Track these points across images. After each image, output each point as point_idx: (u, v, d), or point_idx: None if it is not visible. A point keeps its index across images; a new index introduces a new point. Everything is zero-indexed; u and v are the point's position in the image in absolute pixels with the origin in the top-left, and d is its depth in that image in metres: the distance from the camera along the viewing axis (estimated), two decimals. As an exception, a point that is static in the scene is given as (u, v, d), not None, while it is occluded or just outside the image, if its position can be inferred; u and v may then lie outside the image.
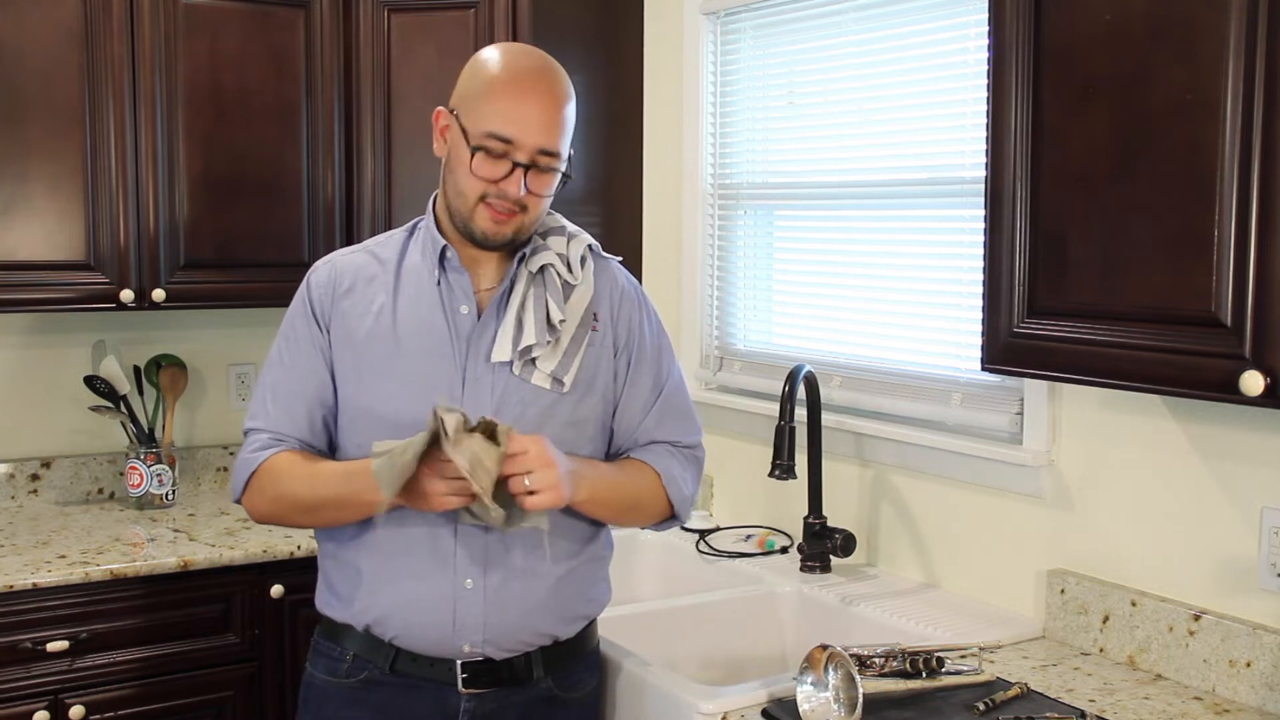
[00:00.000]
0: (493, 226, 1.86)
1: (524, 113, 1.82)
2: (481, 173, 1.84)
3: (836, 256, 2.83)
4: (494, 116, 1.82)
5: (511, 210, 1.85)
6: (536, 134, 1.83)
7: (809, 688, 1.82)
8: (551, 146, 1.85)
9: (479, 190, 1.85)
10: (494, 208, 1.85)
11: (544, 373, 1.89)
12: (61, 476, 3.17)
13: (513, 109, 1.82)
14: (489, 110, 1.83)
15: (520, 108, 1.83)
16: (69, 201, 2.82)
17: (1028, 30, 1.86)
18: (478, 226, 1.87)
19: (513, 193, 1.83)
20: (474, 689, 1.89)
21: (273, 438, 1.93)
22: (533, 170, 1.84)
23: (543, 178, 1.86)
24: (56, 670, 2.58)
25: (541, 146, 1.83)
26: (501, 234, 1.87)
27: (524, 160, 1.83)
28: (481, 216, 1.86)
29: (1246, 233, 1.59)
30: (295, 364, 1.94)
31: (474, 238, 1.89)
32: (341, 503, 1.86)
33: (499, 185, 1.83)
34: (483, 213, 1.86)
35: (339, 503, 1.86)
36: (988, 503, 2.42)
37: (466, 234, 1.89)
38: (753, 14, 3.01)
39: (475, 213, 1.86)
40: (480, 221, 1.86)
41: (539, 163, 1.84)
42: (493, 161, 1.83)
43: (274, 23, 3.02)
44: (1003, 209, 1.90)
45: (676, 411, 2.03)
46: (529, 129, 1.82)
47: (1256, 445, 1.96)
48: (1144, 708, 1.93)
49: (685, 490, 2.01)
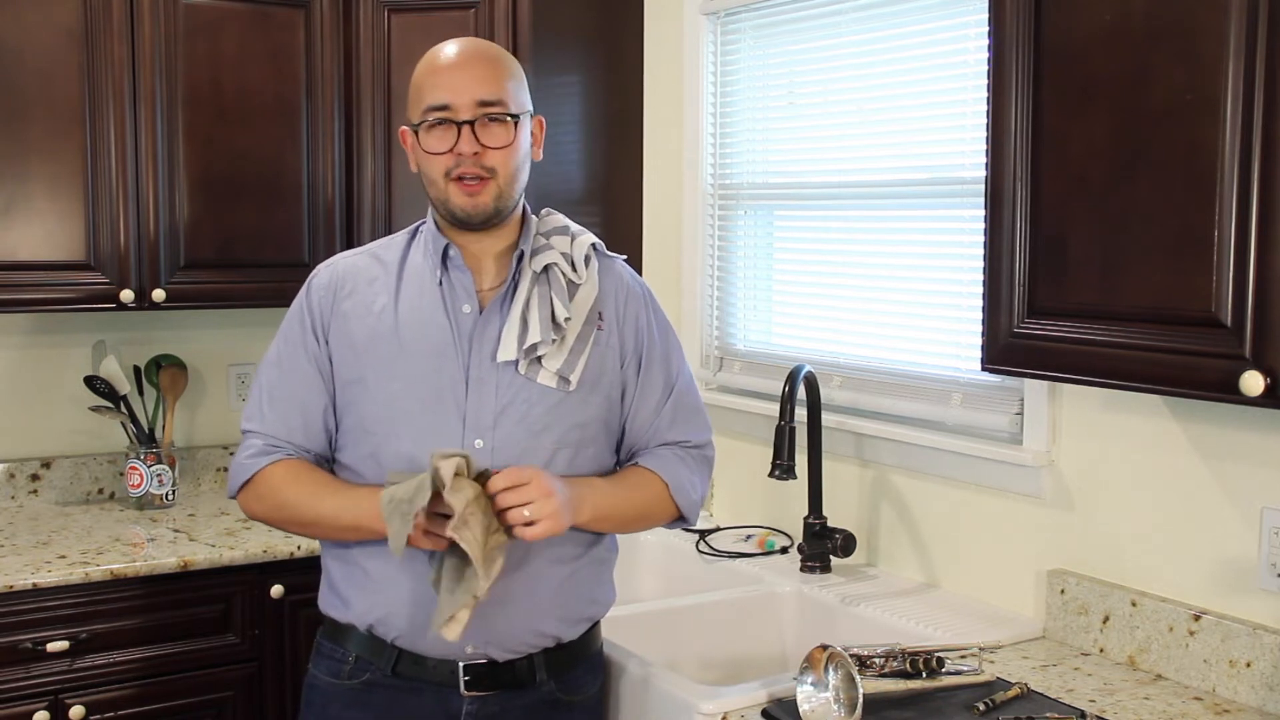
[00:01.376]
0: (468, 200, 1.87)
1: (454, 77, 1.86)
2: (432, 146, 1.86)
3: (836, 256, 2.83)
4: (429, 92, 1.86)
5: (479, 175, 1.86)
6: (471, 89, 1.84)
7: (809, 688, 1.82)
8: (490, 95, 1.85)
9: (441, 167, 1.86)
10: (463, 180, 1.86)
11: (550, 371, 1.89)
12: (61, 476, 3.17)
13: (442, 79, 1.86)
14: (425, 92, 1.87)
15: (450, 74, 1.86)
16: (69, 202, 2.82)
17: (1028, 30, 1.86)
18: (455, 205, 1.88)
19: (467, 151, 1.84)
20: (476, 691, 1.89)
21: (268, 444, 1.93)
22: (480, 123, 1.85)
23: (493, 129, 1.86)
24: (57, 670, 2.58)
25: (479, 98, 1.85)
26: (480, 205, 1.87)
27: (467, 117, 1.84)
28: (454, 193, 1.87)
29: (1246, 233, 1.59)
30: (292, 369, 1.95)
31: (456, 218, 1.89)
32: (343, 527, 1.87)
33: (454, 152, 1.85)
34: (454, 189, 1.87)
35: (340, 526, 1.88)
36: (988, 503, 2.42)
37: (449, 217, 1.90)
38: (753, 14, 3.01)
39: (448, 192, 1.87)
40: (455, 199, 1.87)
41: (485, 113, 1.85)
42: (440, 131, 1.85)
43: (274, 23, 3.02)
44: (1003, 209, 1.90)
45: (687, 410, 2.04)
46: (461, 88, 1.84)
47: (1256, 445, 1.96)
48: (1144, 708, 1.93)
49: (694, 495, 2.02)
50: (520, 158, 1.91)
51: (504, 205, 1.90)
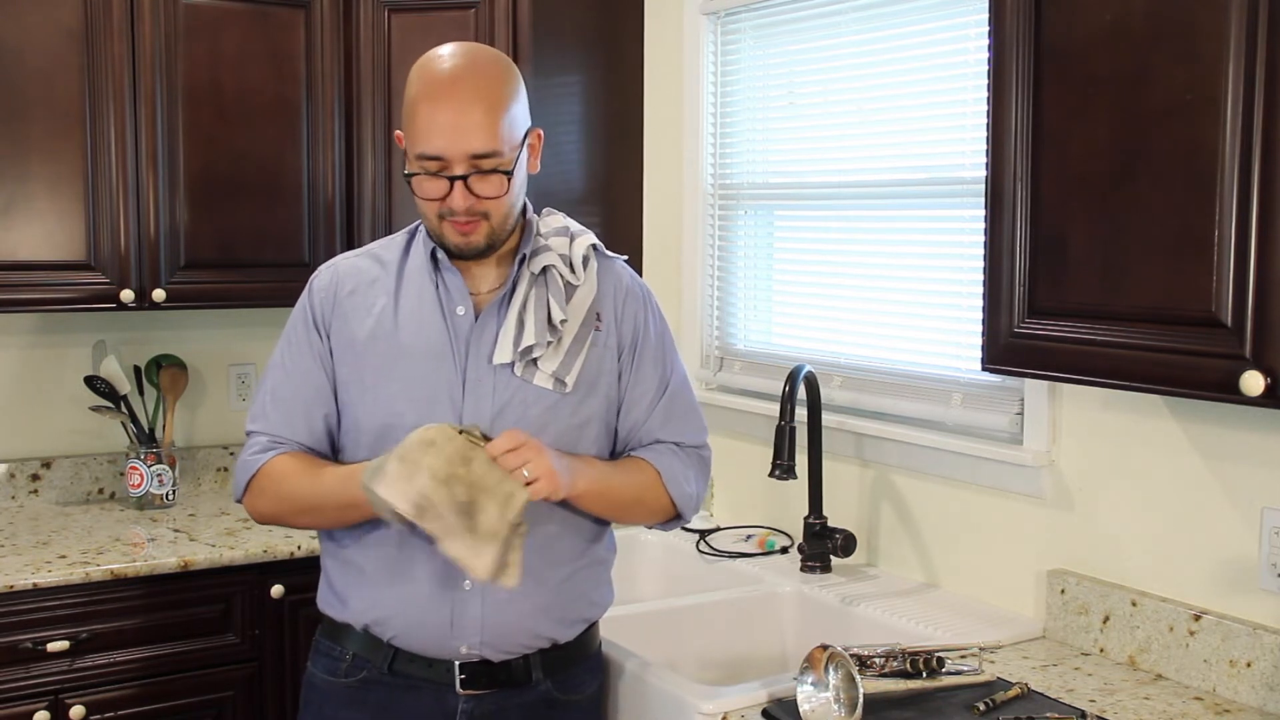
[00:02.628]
0: (461, 239, 1.85)
1: (443, 125, 1.77)
2: (424, 194, 1.82)
3: (837, 256, 2.83)
4: (419, 137, 1.80)
5: (471, 220, 1.83)
6: (463, 142, 1.77)
7: (809, 688, 1.82)
8: (483, 149, 1.79)
9: (434, 211, 1.84)
10: (455, 222, 1.83)
11: (546, 373, 1.89)
12: (62, 476, 3.17)
13: (432, 125, 1.78)
14: (417, 130, 1.80)
15: (439, 121, 1.78)
16: (69, 201, 2.82)
17: (1028, 30, 1.86)
18: (449, 242, 1.86)
19: (458, 207, 1.81)
20: (472, 690, 1.89)
21: (272, 440, 1.93)
22: (474, 177, 1.80)
23: (487, 181, 1.81)
24: (57, 670, 2.58)
25: (472, 152, 1.78)
26: (473, 244, 1.85)
27: (460, 172, 1.79)
28: (448, 231, 1.85)
29: (1247, 233, 1.59)
30: (295, 369, 1.95)
31: (450, 253, 1.89)
32: (343, 504, 1.86)
33: (445, 203, 1.81)
34: (448, 229, 1.85)
35: (340, 504, 1.86)
36: (988, 503, 2.42)
37: (444, 249, 1.90)
38: (753, 14, 3.01)
39: (442, 229, 1.85)
40: (449, 236, 1.85)
41: (478, 167, 1.80)
42: (431, 181, 1.81)
43: (274, 23, 3.02)
44: (1003, 209, 1.90)
45: (681, 410, 2.03)
46: (452, 141, 1.77)
47: (1256, 445, 1.96)
48: (1144, 708, 1.93)
49: (688, 488, 2.00)
50: (515, 194, 1.87)
51: (497, 240, 1.88)
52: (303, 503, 1.90)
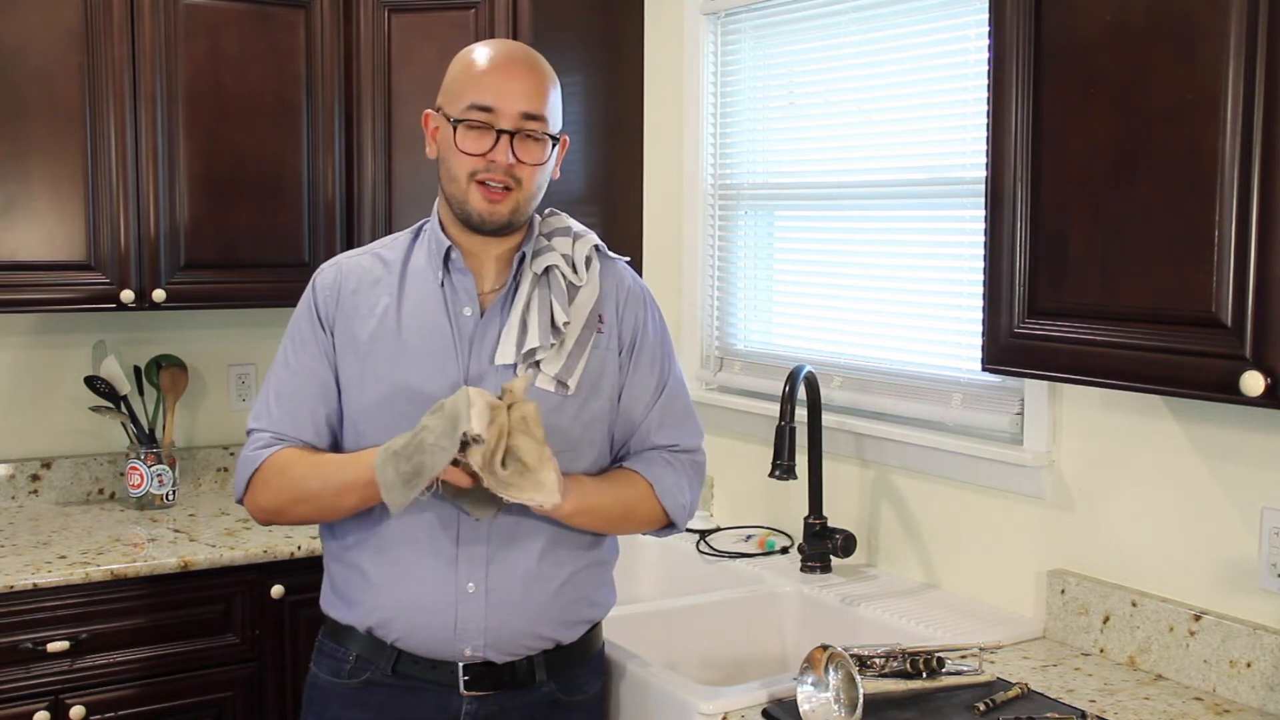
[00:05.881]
0: (487, 206, 1.86)
1: (504, 82, 1.84)
2: (467, 147, 1.84)
3: (837, 257, 2.83)
4: (474, 89, 1.85)
5: (506, 185, 1.85)
6: (518, 99, 1.84)
7: (809, 688, 1.82)
8: (535, 110, 1.85)
9: (469, 168, 1.85)
10: (487, 185, 1.85)
11: (548, 375, 1.89)
12: (62, 477, 3.17)
13: (491, 80, 1.85)
14: (469, 87, 1.85)
15: (499, 78, 1.85)
16: (69, 202, 2.82)
17: (1028, 30, 1.86)
18: (473, 208, 1.87)
19: (501, 161, 1.83)
20: (476, 691, 1.89)
21: (275, 437, 1.93)
22: (519, 137, 1.84)
23: (530, 145, 1.86)
24: (57, 670, 2.58)
25: (524, 110, 1.84)
26: (497, 213, 1.87)
27: (508, 126, 1.84)
28: (475, 196, 1.86)
29: (1247, 233, 1.59)
30: (300, 366, 1.94)
31: (471, 221, 1.89)
32: (344, 486, 1.84)
33: (487, 157, 1.84)
34: (476, 192, 1.86)
35: (342, 487, 1.85)
36: (988, 503, 2.42)
37: (464, 218, 1.89)
38: (753, 14, 3.01)
39: (469, 193, 1.86)
40: (475, 202, 1.86)
41: (524, 128, 1.84)
42: (477, 133, 1.84)
43: (274, 23, 3.02)
44: (1003, 209, 1.90)
45: (678, 413, 2.03)
46: (509, 95, 1.84)
47: (1256, 445, 1.96)
48: (1144, 708, 1.93)
49: (681, 498, 2.00)
50: (545, 175, 1.91)
51: (519, 218, 1.90)
52: (306, 490, 1.88)
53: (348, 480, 1.84)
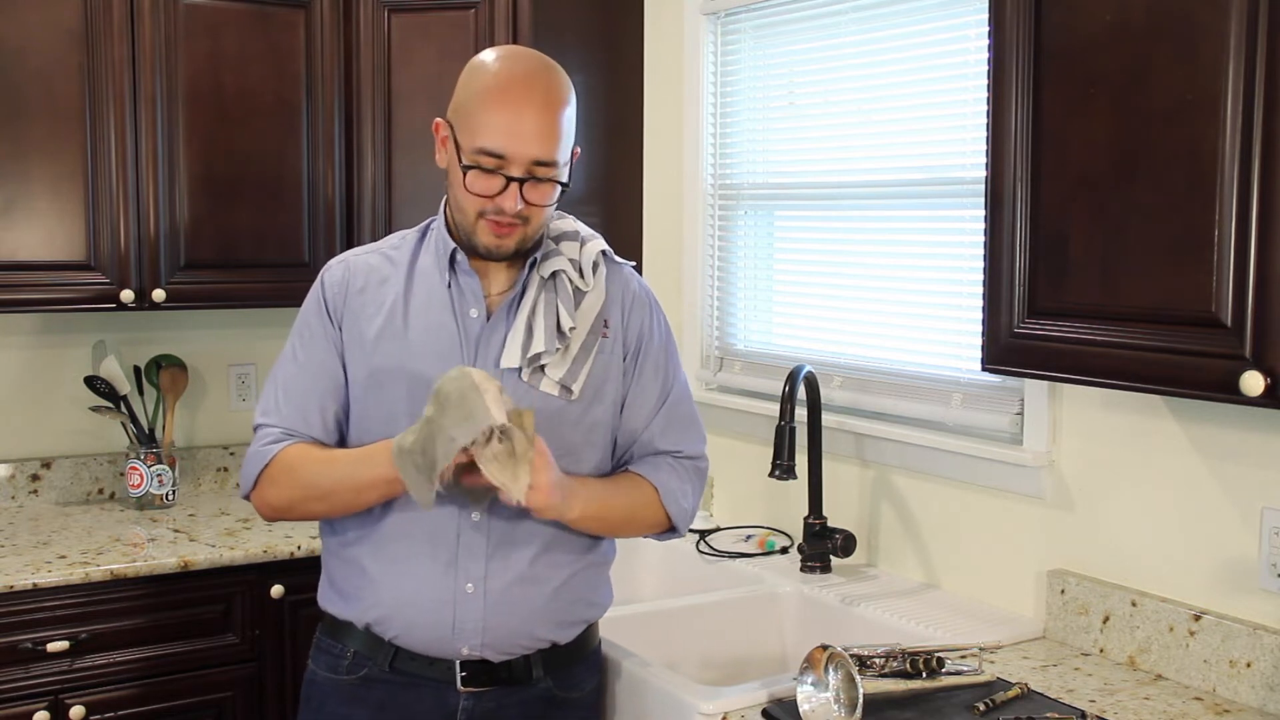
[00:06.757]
0: (494, 241, 1.85)
1: (515, 125, 1.79)
2: (476, 189, 1.82)
3: (837, 257, 2.83)
4: (485, 131, 1.79)
5: (512, 223, 1.83)
6: (529, 146, 1.80)
7: (809, 688, 1.82)
8: (546, 157, 1.81)
9: (476, 207, 1.83)
10: (494, 222, 1.83)
11: (552, 380, 1.89)
12: (62, 477, 3.17)
13: (503, 122, 1.79)
14: (480, 124, 1.80)
15: (511, 120, 1.79)
16: (69, 202, 2.82)
17: (1028, 30, 1.86)
18: (480, 241, 1.86)
19: (509, 208, 1.81)
20: (473, 688, 1.90)
21: (284, 432, 1.92)
22: (529, 183, 1.81)
23: (540, 189, 1.83)
24: (57, 670, 2.58)
25: (535, 158, 1.80)
26: (504, 247, 1.86)
27: (518, 174, 1.80)
28: (483, 231, 1.85)
29: (1246, 233, 1.59)
30: (309, 361, 1.94)
31: (477, 251, 1.88)
32: (365, 484, 1.84)
33: (495, 201, 1.81)
34: (483, 227, 1.84)
35: (362, 484, 1.85)
36: (988, 503, 2.42)
37: (470, 248, 1.89)
38: (753, 14, 3.01)
39: (476, 228, 1.85)
40: (482, 236, 1.85)
41: (534, 174, 1.81)
42: (486, 178, 1.81)
43: (274, 23, 3.02)
44: (1003, 209, 1.90)
45: (681, 420, 2.02)
46: (521, 142, 1.79)
47: (1256, 445, 1.96)
48: (1144, 708, 1.93)
49: (684, 504, 2.00)
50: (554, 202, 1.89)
51: (524, 247, 1.89)
52: (318, 487, 1.88)
53: (367, 478, 1.83)
